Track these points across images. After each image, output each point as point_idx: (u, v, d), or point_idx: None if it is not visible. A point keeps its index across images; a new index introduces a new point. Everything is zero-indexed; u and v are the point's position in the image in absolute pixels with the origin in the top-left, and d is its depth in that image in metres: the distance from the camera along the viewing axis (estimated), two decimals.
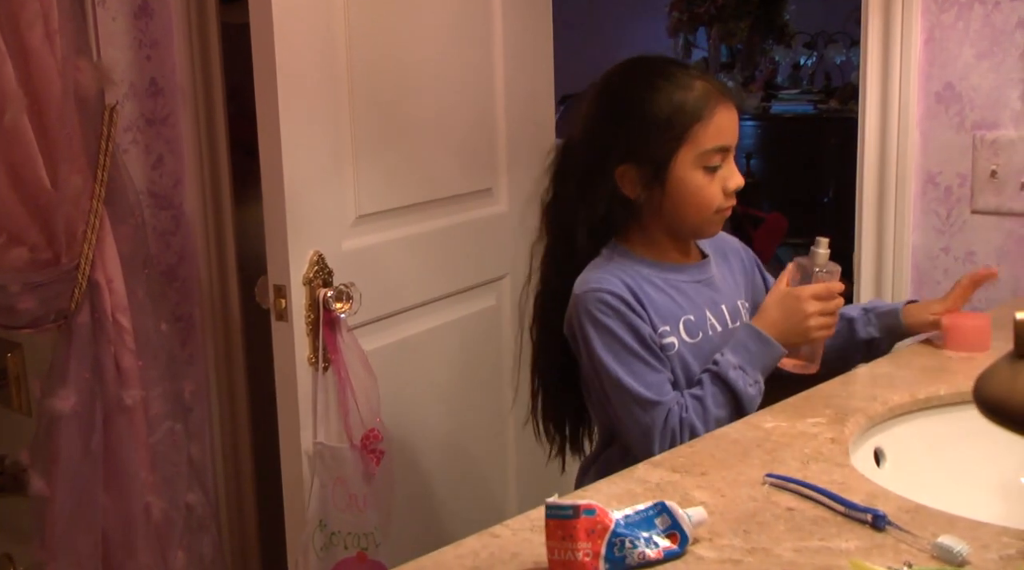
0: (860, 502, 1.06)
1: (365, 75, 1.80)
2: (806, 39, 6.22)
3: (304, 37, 1.68)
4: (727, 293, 1.56)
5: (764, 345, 1.45)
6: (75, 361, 1.75)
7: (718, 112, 1.44)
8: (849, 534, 1.02)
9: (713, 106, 1.43)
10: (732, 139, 1.46)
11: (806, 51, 6.24)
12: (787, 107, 6.10)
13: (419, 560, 0.98)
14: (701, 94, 1.44)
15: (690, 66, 1.65)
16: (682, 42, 6.33)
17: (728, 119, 1.45)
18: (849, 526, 1.03)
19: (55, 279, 1.70)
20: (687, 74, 1.46)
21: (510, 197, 2.21)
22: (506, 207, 2.20)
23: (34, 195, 1.66)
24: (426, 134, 1.98)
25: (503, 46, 2.14)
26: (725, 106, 1.45)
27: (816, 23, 6.10)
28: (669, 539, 0.97)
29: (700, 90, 1.44)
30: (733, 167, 1.47)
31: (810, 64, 6.23)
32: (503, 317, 2.21)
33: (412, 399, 1.98)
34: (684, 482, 1.15)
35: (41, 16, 1.60)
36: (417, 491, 2.01)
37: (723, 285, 1.56)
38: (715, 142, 1.44)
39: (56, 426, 1.74)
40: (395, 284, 1.91)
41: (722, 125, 1.44)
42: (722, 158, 1.45)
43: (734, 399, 1.43)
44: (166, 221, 1.99)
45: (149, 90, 1.93)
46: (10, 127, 1.60)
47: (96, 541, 1.77)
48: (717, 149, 1.44)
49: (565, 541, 0.92)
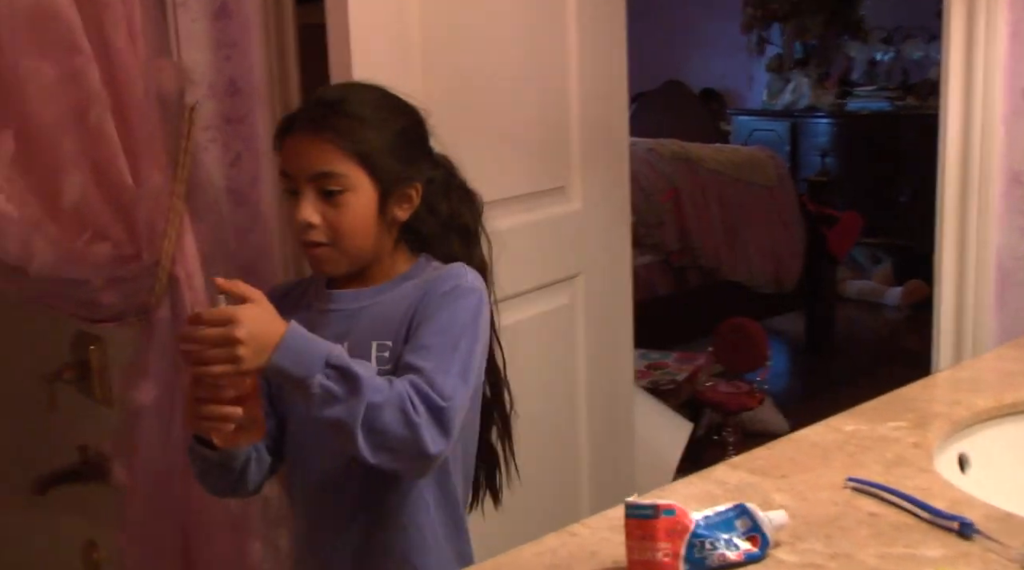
0: (945, 509, 1.04)
1: (439, 74, 1.80)
2: (883, 34, 6.11)
3: (379, 36, 1.69)
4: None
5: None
6: (155, 355, 1.78)
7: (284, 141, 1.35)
8: (935, 542, 1.00)
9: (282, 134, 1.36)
10: (292, 167, 1.33)
11: (883, 46, 6.13)
12: (863, 104, 6.01)
13: (497, 558, 0.98)
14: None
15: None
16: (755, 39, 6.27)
17: (290, 149, 1.33)
18: (935, 533, 1.01)
19: (137, 274, 1.73)
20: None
21: (584, 195, 2.20)
22: (580, 205, 2.20)
23: (117, 192, 1.69)
24: (500, 132, 1.98)
25: (577, 45, 2.14)
26: (288, 136, 1.34)
27: (893, 18, 5.99)
28: (749, 542, 0.96)
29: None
30: (303, 199, 1.31)
31: (887, 60, 6.12)
32: (576, 316, 2.21)
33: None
34: (763, 484, 1.14)
35: (125, 18, 1.64)
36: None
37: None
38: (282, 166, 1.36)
39: (137, 417, 1.78)
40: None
41: (287, 153, 1.34)
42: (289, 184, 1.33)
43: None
44: (243, 218, 2.01)
45: (228, 90, 1.96)
46: (95, 126, 1.63)
47: (175, 530, 1.81)
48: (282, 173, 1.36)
49: (644, 541, 0.91)
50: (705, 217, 4.32)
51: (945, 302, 2.04)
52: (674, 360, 3.80)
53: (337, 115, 1.30)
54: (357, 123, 1.30)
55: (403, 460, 1.20)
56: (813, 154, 5.90)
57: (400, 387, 1.19)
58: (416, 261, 1.40)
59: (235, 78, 1.95)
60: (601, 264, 2.28)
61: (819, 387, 4.49)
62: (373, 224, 1.33)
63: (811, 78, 6.15)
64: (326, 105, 1.31)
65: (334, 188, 1.29)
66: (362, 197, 1.31)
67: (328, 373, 1.16)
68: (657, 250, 4.16)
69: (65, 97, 1.60)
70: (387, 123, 1.34)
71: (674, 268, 4.23)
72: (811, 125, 6.09)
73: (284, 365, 1.15)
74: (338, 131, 1.29)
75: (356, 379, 1.16)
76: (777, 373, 4.44)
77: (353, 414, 1.15)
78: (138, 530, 1.80)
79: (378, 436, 1.16)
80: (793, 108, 6.18)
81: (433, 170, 1.40)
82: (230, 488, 1.36)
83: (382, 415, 1.16)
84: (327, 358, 1.16)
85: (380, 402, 1.16)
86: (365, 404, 1.15)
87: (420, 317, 1.30)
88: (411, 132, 1.38)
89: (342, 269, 1.35)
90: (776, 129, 6.22)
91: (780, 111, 6.26)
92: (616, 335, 2.36)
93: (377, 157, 1.31)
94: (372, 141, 1.31)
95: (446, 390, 1.21)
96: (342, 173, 1.29)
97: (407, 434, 1.17)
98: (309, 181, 1.30)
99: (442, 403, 1.20)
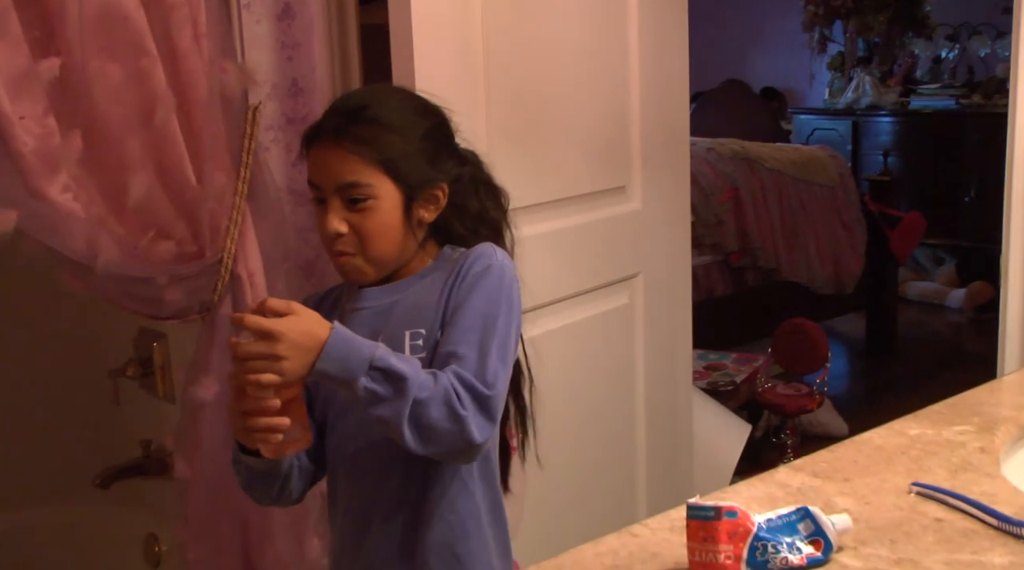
0: (1013, 515, 1.02)
1: (501, 74, 1.81)
2: (948, 31, 6.01)
3: (442, 37, 1.70)
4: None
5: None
6: (217, 351, 1.80)
7: (310, 151, 1.34)
8: (1002, 549, 0.97)
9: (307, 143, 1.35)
10: (318, 178, 1.32)
11: (948, 44, 6.03)
12: (927, 102, 5.91)
13: (558, 558, 0.98)
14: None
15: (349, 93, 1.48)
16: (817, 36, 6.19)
17: (315, 159, 1.33)
18: (1003, 540, 0.99)
19: (200, 272, 1.75)
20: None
21: (644, 195, 2.19)
22: (640, 205, 2.19)
23: (181, 191, 1.72)
24: (561, 132, 1.98)
25: (639, 44, 2.13)
26: (312, 147, 1.33)
27: (959, 14, 5.89)
28: (812, 546, 0.95)
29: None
30: (330, 208, 1.31)
31: (952, 57, 6.01)
32: (635, 315, 2.20)
33: (543, 396, 1.98)
34: (826, 488, 1.12)
35: (190, 20, 1.66)
36: (548, 488, 2.01)
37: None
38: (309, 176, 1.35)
39: (199, 413, 1.80)
40: (527, 281, 1.90)
41: (312, 164, 1.35)
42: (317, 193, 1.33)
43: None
44: (304, 217, 2.03)
45: (290, 90, 1.98)
46: (160, 126, 1.66)
47: (236, 525, 1.83)
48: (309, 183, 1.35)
49: (706, 542, 0.90)
50: (765, 217, 4.28)
51: (1012, 304, 1.99)
52: (733, 361, 3.77)
53: (359, 123, 1.29)
54: (380, 130, 1.30)
55: (451, 450, 1.22)
56: (875, 153, 5.81)
57: (445, 381, 1.19)
58: (441, 252, 1.40)
59: (297, 78, 1.97)
60: (660, 264, 2.27)
61: (879, 390, 4.43)
62: (399, 229, 1.33)
63: (874, 76, 6.06)
64: (348, 113, 1.31)
65: (360, 197, 1.29)
66: (387, 203, 1.31)
67: (373, 375, 1.17)
68: (716, 250, 4.12)
69: (132, 98, 1.63)
70: (411, 127, 1.33)
71: (733, 268, 4.20)
72: (873, 124, 6.01)
73: (329, 371, 1.17)
74: (361, 140, 1.28)
75: (401, 379, 1.17)
76: (836, 375, 4.39)
77: (399, 413, 1.17)
78: (199, 525, 1.83)
79: (425, 431, 1.18)
80: (855, 106, 6.10)
81: (460, 168, 1.39)
82: (274, 497, 1.38)
83: (429, 411, 1.17)
84: (371, 360, 1.17)
85: (426, 398, 1.17)
86: (411, 402, 1.17)
87: (455, 300, 1.31)
88: (436, 133, 1.37)
89: (370, 277, 1.36)
90: (837, 128, 6.15)
91: (842, 110, 6.18)
92: (675, 335, 2.35)
93: (401, 163, 1.31)
94: (396, 147, 1.30)
95: (488, 377, 1.21)
96: (367, 182, 1.29)
97: (454, 427, 1.18)
98: (335, 191, 1.30)
99: (487, 392, 1.20)
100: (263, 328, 1.14)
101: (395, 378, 1.17)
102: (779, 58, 6.71)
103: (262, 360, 1.14)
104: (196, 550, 1.84)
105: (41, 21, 1.57)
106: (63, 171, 1.60)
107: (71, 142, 1.60)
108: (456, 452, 1.23)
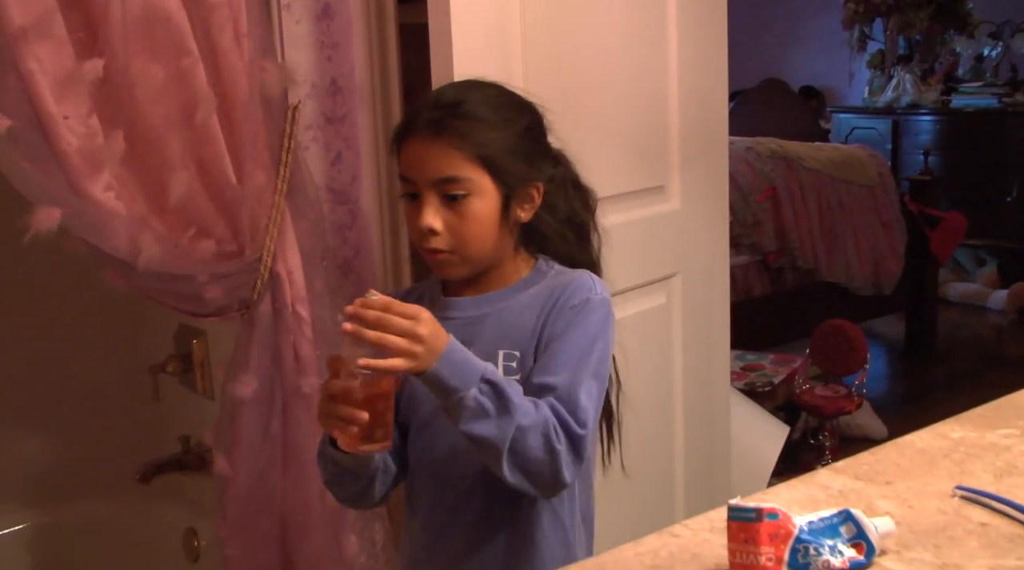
0: None
1: (539, 73, 1.80)
2: (990, 29, 5.94)
3: (481, 36, 1.70)
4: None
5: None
6: (256, 349, 1.81)
7: (404, 144, 1.31)
8: None
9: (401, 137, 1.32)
10: (413, 172, 1.29)
11: (990, 41, 5.95)
12: (968, 101, 5.84)
13: (600, 557, 0.98)
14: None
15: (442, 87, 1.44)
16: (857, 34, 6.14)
17: (410, 153, 1.30)
18: None
19: (239, 270, 1.77)
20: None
21: (683, 195, 2.18)
22: (679, 205, 2.18)
23: (221, 190, 1.73)
24: (599, 131, 1.97)
25: (677, 43, 2.12)
26: (407, 140, 1.31)
27: (1002, 11, 5.82)
28: (854, 549, 0.94)
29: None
30: (424, 204, 1.28)
31: (994, 55, 5.93)
32: (673, 315, 2.19)
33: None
34: (868, 490, 1.11)
35: (231, 21, 1.67)
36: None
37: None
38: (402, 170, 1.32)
39: (238, 410, 1.81)
40: None
41: (406, 157, 1.31)
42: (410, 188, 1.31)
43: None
44: (343, 216, 2.04)
45: (329, 90, 1.99)
46: (201, 126, 1.67)
47: (274, 521, 1.84)
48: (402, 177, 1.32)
49: (747, 544, 0.90)
50: (803, 217, 4.25)
51: None
52: (770, 362, 3.75)
53: (458, 117, 1.26)
54: (479, 125, 1.27)
55: (537, 483, 1.20)
56: (915, 153, 5.76)
57: (545, 412, 1.17)
58: (535, 264, 1.37)
59: (336, 78, 1.98)
60: (699, 264, 2.26)
61: (919, 392, 4.39)
62: (496, 228, 1.30)
63: (914, 74, 6.00)
64: (445, 107, 1.28)
65: (458, 193, 1.26)
66: (486, 201, 1.28)
67: (483, 388, 1.15)
68: (754, 250, 4.10)
69: (173, 98, 1.64)
70: (509, 123, 1.30)
71: (771, 268, 4.17)
72: (914, 123, 5.95)
73: (444, 374, 1.14)
74: (460, 134, 1.25)
75: (508, 399, 1.15)
76: (875, 377, 4.35)
77: (502, 433, 1.15)
78: (238, 520, 1.84)
79: (520, 458, 1.16)
80: (895, 105, 6.04)
81: (554, 168, 1.37)
82: (357, 497, 1.36)
83: (527, 439, 1.15)
84: (483, 373, 1.16)
85: (527, 425, 1.16)
86: (515, 425, 1.15)
87: (551, 332, 1.28)
88: (532, 130, 1.35)
89: (463, 273, 1.33)
90: (877, 127, 6.09)
91: (881, 108, 6.12)
92: (713, 336, 2.34)
93: (500, 159, 1.28)
94: (494, 143, 1.27)
95: (580, 415, 1.19)
96: (466, 177, 1.26)
97: (547, 460, 1.16)
98: (431, 186, 1.27)
99: (580, 432, 1.18)
100: (408, 310, 1.12)
101: (503, 396, 1.15)
102: (818, 56, 6.66)
103: (403, 334, 1.11)
104: (235, 546, 1.85)
105: (85, 23, 1.59)
106: (106, 170, 1.62)
107: (114, 142, 1.62)
108: (543, 486, 1.21)
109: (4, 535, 2.44)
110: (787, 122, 5.52)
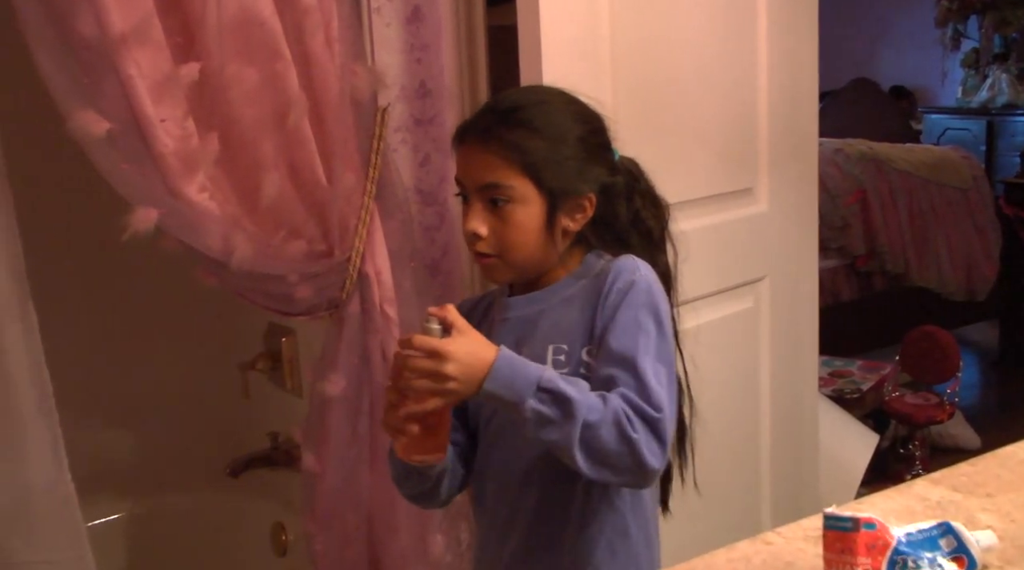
0: None
1: (628, 75, 1.80)
2: None
3: (569, 38, 1.70)
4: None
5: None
6: (345, 348, 1.83)
7: (458, 148, 1.34)
8: None
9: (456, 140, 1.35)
10: (462, 176, 1.32)
11: None
12: None
13: (691, 561, 0.97)
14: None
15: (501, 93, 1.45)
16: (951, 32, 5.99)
17: (461, 157, 1.34)
18: None
19: (329, 270, 1.79)
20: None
21: (771, 197, 2.15)
22: (767, 207, 2.15)
23: (312, 192, 1.76)
24: (688, 133, 1.95)
25: (767, 44, 2.09)
26: (460, 145, 1.34)
27: None
28: (955, 562, 0.92)
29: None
30: (471, 208, 1.31)
31: None
32: (760, 319, 2.16)
33: None
34: (967, 503, 1.08)
35: (323, 25, 1.69)
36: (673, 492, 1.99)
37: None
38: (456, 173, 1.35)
39: (327, 408, 1.84)
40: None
41: (458, 161, 1.34)
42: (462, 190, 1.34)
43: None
44: (431, 217, 2.06)
45: (418, 92, 2.00)
46: (293, 129, 1.70)
47: (361, 519, 1.86)
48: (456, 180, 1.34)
49: (844, 554, 0.88)
50: (893, 220, 4.16)
51: None
52: (859, 368, 3.67)
53: (508, 125, 1.27)
54: (528, 133, 1.27)
55: (624, 475, 1.19)
56: (1011, 154, 5.60)
57: (615, 403, 1.17)
58: (584, 258, 1.37)
59: (426, 80, 1.99)
60: (787, 267, 2.22)
61: (1014, 403, 4.26)
62: (539, 236, 1.30)
63: (1011, 74, 5.83)
64: (499, 114, 1.30)
65: (500, 198, 1.28)
66: (530, 208, 1.29)
67: (541, 397, 1.15)
68: (842, 254, 4.03)
69: (266, 100, 1.67)
70: (561, 132, 1.30)
71: (860, 273, 4.09)
72: (1009, 123, 5.78)
73: (497, 392, 1.16)
74: (506, 142, 1.26)
75: (569, 401, 1.15)
76: (968, 385, 4.23)
77: (569, 436, 1.15)
78: (326, 517, 1.86)
79: (597, 454, 1.16)
80: (990, 106, 5.89)
81: (611, 177, 1.36)
82: (423, 496, 1.38)
83: (599, 434, 1.15)
84: (538, 382, 1.16)
85: (596, 421, 1.15)
86: (580, 425, 1.14)
87: (603, 320, 1.28)
88: (588, 140, 1.34)
89: (508, 277, 1.35)
90: (971, 128, 5.94)
91: (976, 109, 5.97)
92: (801, 341, 2.30)
93: (545, 168, 1.28)
94: (541, 152, 1.28)
95: (653, 398, 1.18)
96: (508, 184, 1.27)
97: (626, 450, 1.15)
98: (477, 191, 1.29)
99: (656, 415, 1.17)
100: (432, 348, 1.14)
101: (563, 400, 1.15)
102: (909, 55, 6.51)
103: (428, 376, 1.14)
104: (323, 541, 1.88)
105: (182, 27, 1.62)
106: (200, 171, 1.65)
107: (208, 143, 1.65)
108: (629, 477, 1.20)
109: (101, 524, 2.50)
110: (877, 123, 5.41)
